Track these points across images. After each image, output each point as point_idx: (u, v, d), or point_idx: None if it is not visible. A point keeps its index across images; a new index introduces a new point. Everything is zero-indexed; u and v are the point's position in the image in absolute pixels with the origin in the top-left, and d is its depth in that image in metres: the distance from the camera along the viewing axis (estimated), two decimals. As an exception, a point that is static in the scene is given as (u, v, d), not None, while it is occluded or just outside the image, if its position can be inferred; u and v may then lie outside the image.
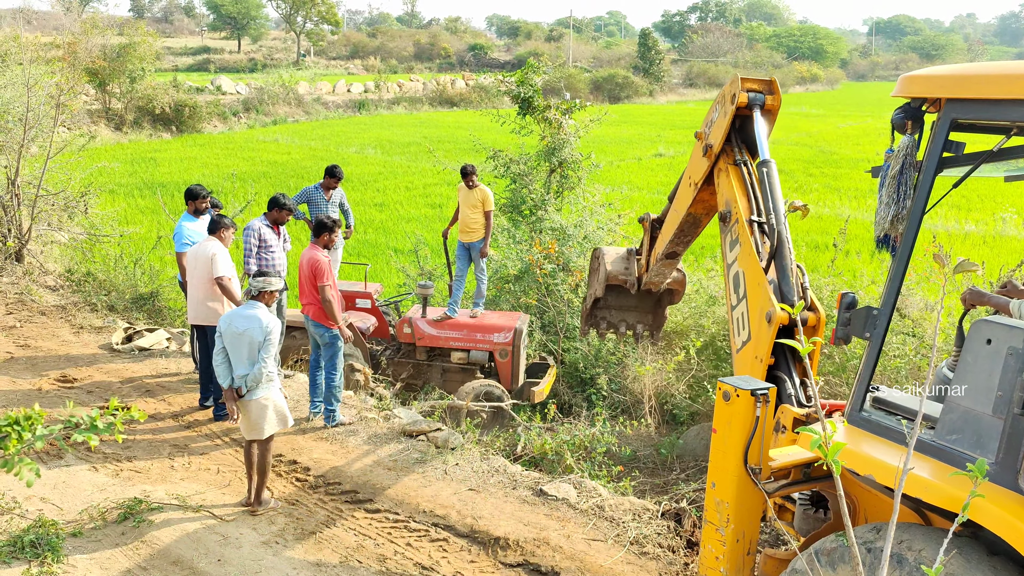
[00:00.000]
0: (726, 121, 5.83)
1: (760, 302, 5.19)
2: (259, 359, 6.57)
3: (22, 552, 5.90)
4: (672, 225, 6.83)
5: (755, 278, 5.30)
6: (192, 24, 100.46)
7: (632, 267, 7.71)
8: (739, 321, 5.41)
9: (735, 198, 5.67)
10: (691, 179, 6.37)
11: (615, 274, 7.71)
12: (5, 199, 13.19)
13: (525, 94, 12.88)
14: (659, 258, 7.25)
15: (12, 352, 10.08)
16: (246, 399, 6.61)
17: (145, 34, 37.96)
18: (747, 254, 5.44)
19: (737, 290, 5.48)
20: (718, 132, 5.93)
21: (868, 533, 4.06)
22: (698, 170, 6.23)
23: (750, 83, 5.78)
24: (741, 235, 5.53)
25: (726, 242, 5.73)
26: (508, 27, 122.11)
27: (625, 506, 7.12)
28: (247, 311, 6.69)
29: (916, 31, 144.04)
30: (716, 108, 6.01)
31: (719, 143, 5.91)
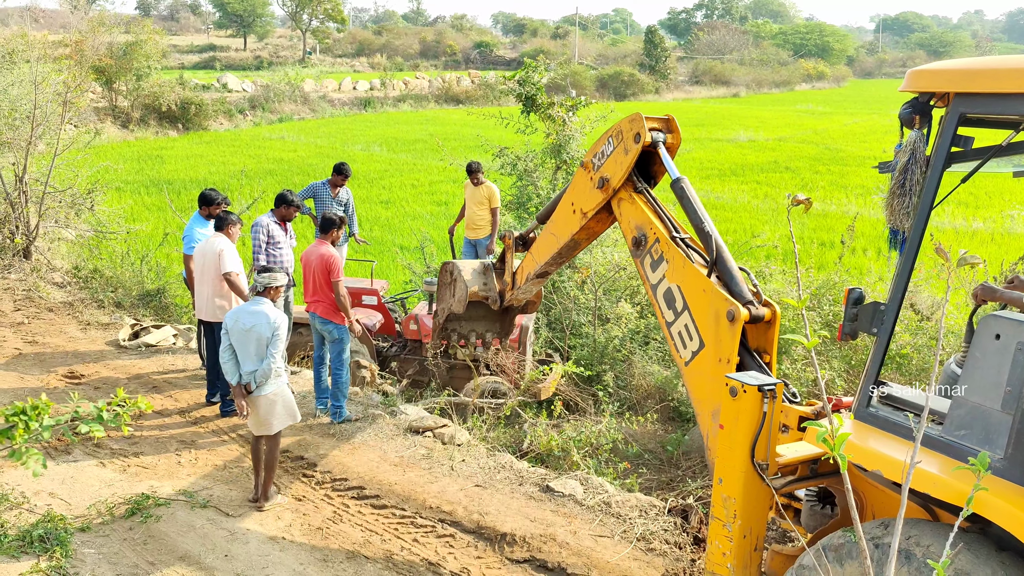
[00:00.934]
0: (629, 159, 5.84)
1: (712, 306, 5.17)
2: (267, 355, 6.59)
3: (31, 546, 5.93)
4: (549, 248, 6.89)
5: (697, 286, 5.31)
6: (198, 22, 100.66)
7: (491, 283, 7.83)
8: (682, 335, 5.38)
9: (649, 222, 5.71)
10: (579, 209, 6.39)
11: (476, 291, 7.82)
12: (13, 196, 13.23)
13: (528, 92, 12.86)
14: (530, 277, 7.30)
15: (20, 348, 10.11)
16: (255, 395, 6.63)
17: (151, 32, 38.06)
18: (679, 267, 5.46)
19: (672, 306, 5.47)
20: (618, 169, 5.94)
21: (876, 529, 4.06)
22: (589, 201, 6.26)
23: (652, 122, 5.83)
24: (667, 252, 5.56)
25: (645, 264, 5.74)
26: (514, 25, 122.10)
27: (632, 502, 7.12)
28: (253, 307, 6.70)
29: (923, 28, 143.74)
30: (610, 142, 6.02)
31: (620, 179, 5.94)
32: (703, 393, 5.20)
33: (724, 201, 22.73)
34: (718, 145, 35.61)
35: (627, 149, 5.85)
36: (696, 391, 5.27)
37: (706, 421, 5.15)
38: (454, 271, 8.02)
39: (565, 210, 6.59)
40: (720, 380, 5.02)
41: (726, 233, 17.50)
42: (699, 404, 5.23)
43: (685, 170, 6.89)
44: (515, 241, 7.55)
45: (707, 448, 5.15)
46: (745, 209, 21.64)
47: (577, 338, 11.12)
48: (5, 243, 13.44)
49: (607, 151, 6.03)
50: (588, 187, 6.25)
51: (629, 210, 5.92)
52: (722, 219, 19.76)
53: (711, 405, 5.10)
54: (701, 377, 5.25)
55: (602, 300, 11.00)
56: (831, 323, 9.67)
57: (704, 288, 5.24)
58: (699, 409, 5.23)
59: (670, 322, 5.47)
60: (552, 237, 6.81)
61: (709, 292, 5.21)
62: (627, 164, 5.85)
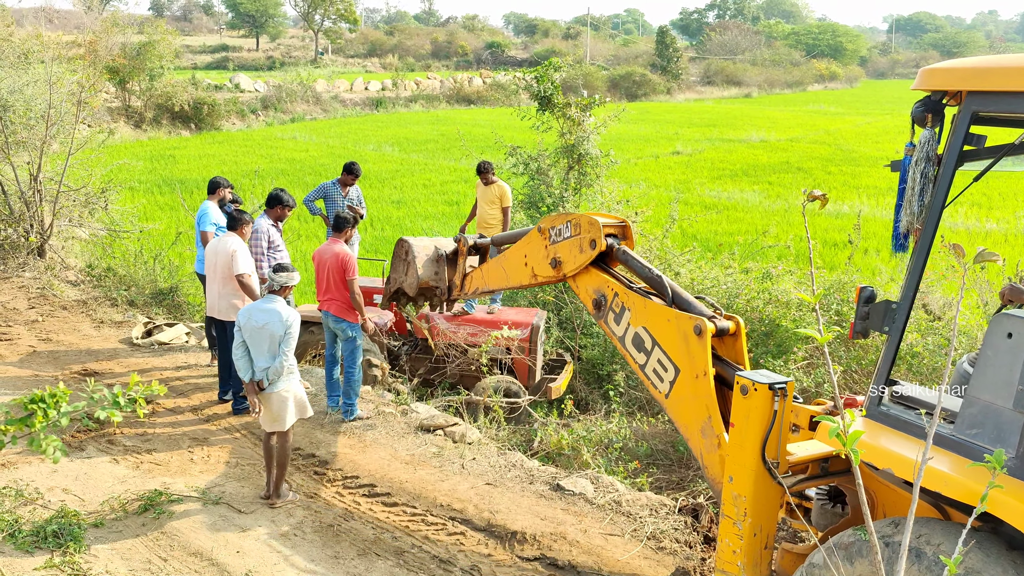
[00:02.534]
0: (584, 258, 6.16)
1: (679, 329, 5.34)
2: (280, 352, 6.62)
3: (45, 542, 5.97)
4: (498, 280, 7.23)
5: (661, 317, 5.51)
6: (211, 22, 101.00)
7: (443, 273, 8.01)
8: (656, 371, 5.55)
9: (605, 282, 6.00)
10: (532, 268, 6.71)
11: (427, 279, 7.99)
12: (28, 195, 13.32)
13: (545, 91, 12.89)
14: (477, 291, 7.63)
15: (35, 346, 10.18)
16: (267, 391, 6.66)
17: (164, 32, 38.24)
18: (641, 309, 5.68)
19: (642, 347, 5.66)
20: (572, 261, 6.28)
21: (886, 527, 4.06)
22: (541, 269, 6.59)
23: (609, 228, 6.14)
24: (627, 301, 5.79)
25: (609, 321, 5.98)
26: (525, 25, 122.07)
27: (642, 501, 7.12)
28: (266, 305, 6.73)
29: (937, 28, 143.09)
30: (568, 226, 6.31)
31: (572, 270, 6.29)
32: (688, 416, 5.29)
33: (735, 201, 22.69)
34: (730, 146, 35.54)
35: (583, 248, 6.19)
36: (681, 417, 5.37)
37: (697, 440, 5.22)
38: (409, 252, 8.08)
39: (518, 259, 6.90)
40: (701, 396, 5.13)
41: (736, 233, 17.48)
42: (686, 428, 5.31)
43: (697, 170, 6.94)
44: (468, 248, 7.83)
45: (703, 467, 5.20)
46: (757, 209, 21.60)
47: (588, 338, 11.13)
48: (20, 241, 13.53)
49: (564, 233, 6.35)
50: (542, 255, 6.57)
51: (585, 280, 6.25)
52: (733, 219, 19.73)
53: (698, 423, 5.17)
54: (682, 402, 5.35)
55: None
56: (841, 323, 9.65)
57: (668, 317, 5.44)
58: (688, 433, 5.31)
59: (643, 364, 5.67)
60: (503, 272, 7.16)
61: (673, 318, 5.40)
62: (582, 262, 6.21)
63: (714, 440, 5.06)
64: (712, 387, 5.12)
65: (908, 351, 8.95)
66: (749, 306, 10.15)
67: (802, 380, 8.82)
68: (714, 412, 5.06)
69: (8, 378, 9.12)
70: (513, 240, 7.08)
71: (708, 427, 5.09)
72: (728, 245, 14.94)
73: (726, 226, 18.36)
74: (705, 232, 17.51)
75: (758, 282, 10.66)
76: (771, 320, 9.88)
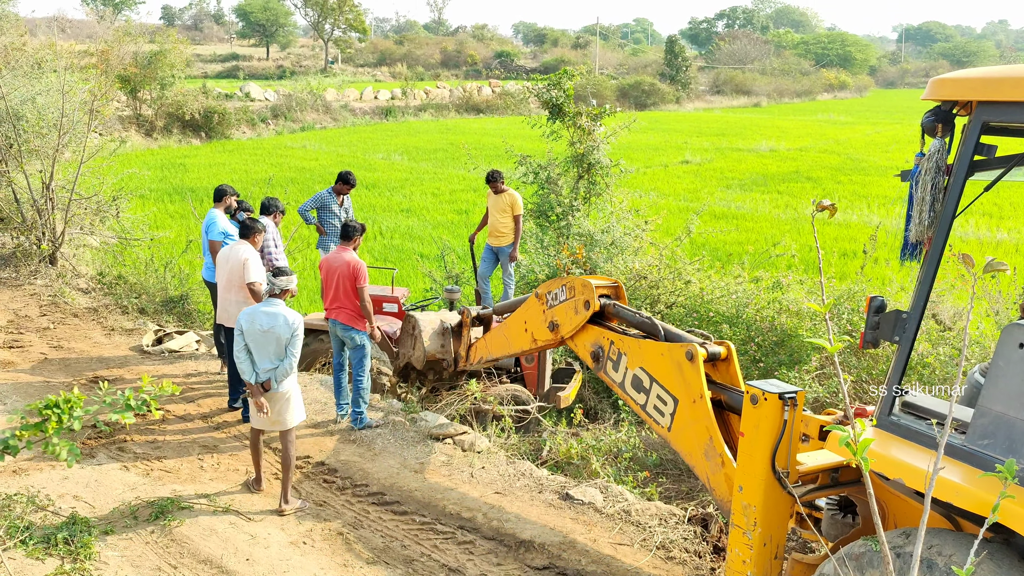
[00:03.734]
0: (579, 319, 6.54)
1: (673, 359, 5.57)
2: (287, 354, 6.73)
3: (55, 548, 5.99)
4: (501, 348, 7.68)
5: (655, 353, 5.77)
6: (221, 31, 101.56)
7: (449, 346, 8.57)
8: (657, 406, 5.74)
9: (601, 334, 6.35)
10: (531, 333, 7.13)
11: (433, 353, 8.55)
12: (40, 203, 13.40)
13: (557, 99, 12.92)
14: (482, 360, 8.11)
15: (46, 353, 10.23)
16: (271, 392, 6.78)
17: (176, 41, 38.41)
18: (636, 351, 5.96)
19: (641, 387, 5.89)
20: (568, 323, 6.66)
21: (897, 538, 4.04)
22: (540, 333, 7.01)
23: (602, 289, 6.52)
24: (622, 347, 6.10)
25: (608, 370, 6.27)
26: (535, 34, 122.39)
27: (651, 511, 7.11)
28: (269, 308, 6.77)
29: (947, 38, 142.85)
30: (563, 290, 6.71)
31: (569, 332, 6.66)
32: (690, 443, 5.40)
33: (745, 211, 22.67)
34: (739, 155, 35.52)
35: (577, 310, 6.56)
36: (684, 446, 5.51)
37: (702, 464, 5.32)
38: (416, 327, 8.67)
39: (518, 326, 7.30)
40: (700, 419, 5.27)
41: (746, 243, 17.46)
42: (690, 456, 5.43)
43: (707, 179, 6.97)
44: (472, 320, 8.33)
45: (711, 489, 5.26)
46: (766, 219, 21.57)
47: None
48: (32, 249, 13.61)
49: (560, 297, 6.75)
50: (540, 320, 6.96)
51: (582, 338, 6.60)
52: (743, 229, 19.72)
53: (701, 446, 5.27)
54: (684, 431, 5.49)
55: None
56: (853, 333, 9.62)
57: (662, 352, 5.69)
58: (693, 460, 5.43)
59: (644, 403, 5.87)
60: (505, 339, 7.55)
61: (666, 351, 5.64)
62: (577, 323, 6.57)
63: (717, 460, 5.10)
64: (710, 409, 5.25)
65: (919, 361, 8.92)
66: (759, 315, 10.13)
67: (816, 390, 8.81)
68: (715, 433, 5.15)
69: (20, 384, 9.16)
70: (514, 308, 7.48)
71: (711, 448, 5.15)
72: (738, 255, 14.92)
73: (735, 235, 18.34)
74: (715, 242, 17.50)
75: (768, 291, 10.65)
76: (782, 330, 9.86)
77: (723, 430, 5.28)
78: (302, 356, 10.19)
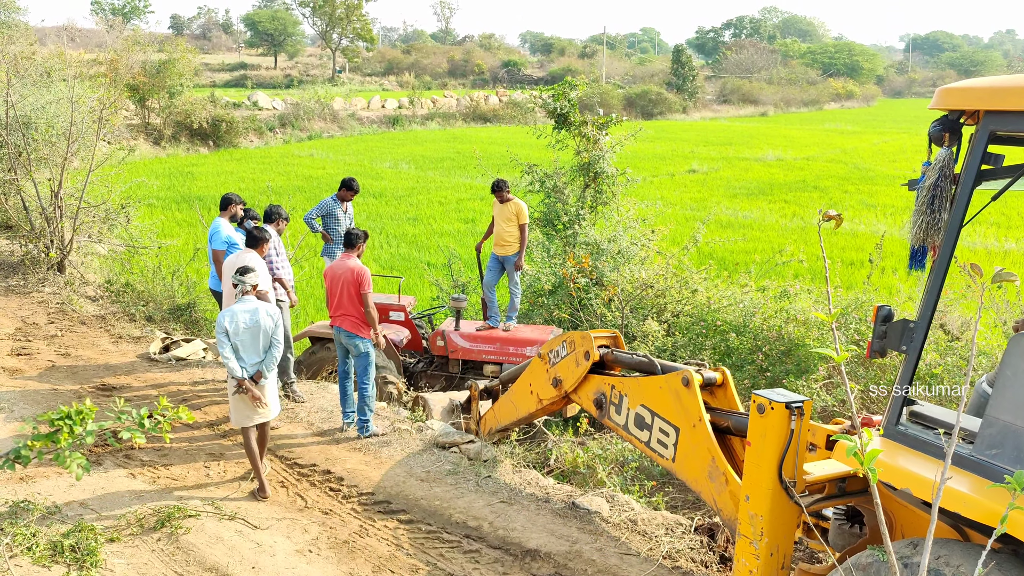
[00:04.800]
0: (580, 371, 6.72)
1: (671, 389, 5.68)
2: (273, 343, 7.15)
3: (62, 555, 6.00)
4: (510, 415, 7.82)
5: (652, 387, 5.89)
6: (230, 41, 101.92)
7: (459, 423, 8.77)
8: (660, 439, 5.86)
9: (602, 382, 6.53)
10: (536, 394, 7.28)
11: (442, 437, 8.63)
12: (49, 211, 13.46)
13: (562, 109, 12.94)
14: (492, 431, 8.24)
15: (54, 360, 10.26)
16: (261, 383, 7.13)
17: (184, 51, 38.63)
18: (635, 389, 6.09)
19: (644, 424, 6.02)
20: (570, 376, 6.84)
21: (905, 548, 4.02)
22: (545, 392, 7.16)
23: (600, 340, 6.73)
24: (623, 389, 6.24)
25: (612, 415, 6.39)
26: (542, 44, 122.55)
27: (658, 520, 7.09)
28: (246, 306, 7.10)
29: (954, 47, 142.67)
30: (564, 347, 6.95)
31: (571, 384, 6.84)
32: (694, 468, 5.49)
33: (751, 220, 22.65)
34: (746, 164, 35.52)
35: (578, 362, 6.73)
36: (689, 473, 5.61)
37: (707, 487, 5.40)
38: (426, 407, 8.91)
39: (524, 389, 7.46)
40: (701, 442, 5.35)
41: (753, 252, 17.44)
42: (696, 482, 5.52)
43: (713, 189, 6.99)
44: (480, 392, 8.48)
45: (718, 511, 5.31)
46: (773, 228, 21.56)
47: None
48: (40, 257, 13.67)
49: (561, 353, 6.95)
50: (544, 379, 7.12)
51: (584, 389, 6.76)
52: (750, 238, 19.70)
53: (704, 468, 5.35)
54: (687, 457, 5.58)
55: (629, 318, 11.00)
56: (859, 343, 9.60)
57: (659, 385, 5.81)
58: (698, 486, 5.53)
59: (648, 440, 5.99)
60: (512, 405, 7.69)
61: (664, 383, 5.76)
62: (579, 375, 6.74)
63: (721, 479, 5.13)
64: (710, 431, 5.35)
65: (927, 371, 8.90)
66: (766, 324, 10.12)
67: (824, 399, 8.79)
68: (716, 453, 5.23)
69: (28, 392, 9.19)
70: (519, 374, 7.65)
71: (714, 468, 5.18)
72: (745, 264, 14.92)
73: (742, 245, 18.32)
74: (721, 251, 17.49)
75: (775, 301, 10.64)
76: (790, 339, 9.85)
77: (725, 453, 5.37)
78: (308, 364, 10.22)
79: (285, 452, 8.15)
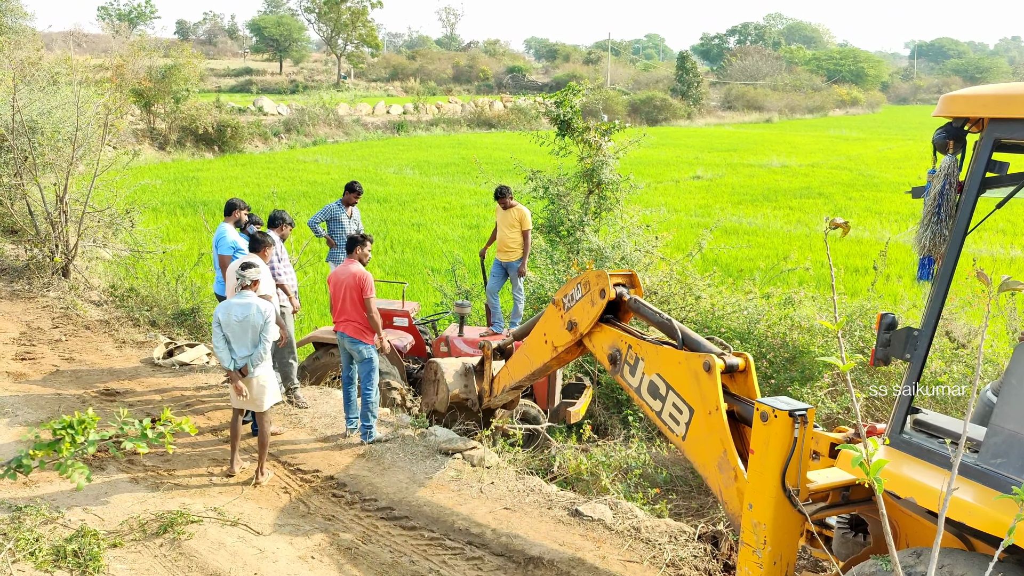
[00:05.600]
0: (596, 310, 6.49)
1: (690, 369, 5.52)
2: (261, 340, 7.37)
3: (64, 561, 6.00)
4: (523, 369, 7.58)
5: (672, 361, 5.72)
6: (235, 46, 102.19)
7: (472, 385, 8.51)
8: (672, 415, 5.70)
9: (619, 337, 6.31)
10: (551, 342, 7.04)
11: (457, 393, 8.48)
12: (54, 216, 13.49)
13: (565, 115, 12.94)
14: (506, 389, 7.99)
15: (58, 365, 10.27)
16: (248, 377, 7.41)
17: (190, 56, 38.72)
18: (654, 357, 5.90)
19: (657, 394, 5.84)
20: (586, 317, 6.60)
21: (909, 557, 4.01)
22: (559, 338, 6.93)
23: (616, 278, 6.51)
24: (640, 352, 6.04)
25: (625, 375, 6.21)
26: (546, 50, 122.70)
27: (661, 528, 7.07)
28: (242, 300, 7.38)
29: (959, 54, 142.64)
30: (578, 289, 6.69)
31: (587, 325, 6.60)
32: (704, 454, 5.37)
33: (756, 227, 22.64)
34: (750, 170, 35.51)
35: (593, 301, 6.51)
36: (698, 456, 5.47)
37: (715, 476, 5.27)
38: (438, 371, 8.61)
39: (538, 339, 7.23)
40: (715, 431, 5.21)
41: (758, 259, 17.43)
42: (704, 467, 5.39)
43: (718, 195, 6.97)
44: (493, 352, 8.28)
45: (723, 503, 5.22)
46: (777, 235, 21.54)
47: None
48: (45, 261, 13.69)
49: (575, 296, 6.72)
50: (559, 324, 6.89)
51: (600, 338, 6.55)
52: (755, 244, 19.69)
53: (715, 459, 5.23)
54: (698, 441, 5.45)
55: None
56: (863, 350, 9.58)
57: (679, 360, 5.63)
58: (706, 472, 5.39)
59: (659, 411, 5.82)
60: (526, 359, 7.50)
61: (684, 359, 5.59)
62: (594, 315, 6.51)
63: (731, 474, 5.06)
64: (725, 422, 5.20)
65: (932, 379, 8.87)
66: (770, 331, 10.10)
67: (829, 407, 8.77)
68: (729, 446, 5.10)
69: (32, 396, 9.20)
70: (532, 327, 7.47)
71: (724, 461, 5.10)
72: (749, 270, 14.89)
73: (747, 251, 18.31)
74: (726, 257, 17.47)
75: (779, 307, 10.62)
76: (794, 346, 9.83)
77: (738, 443, 5.24)
78: (312, 370, 10.22)
79: (288, 458, 8.14)
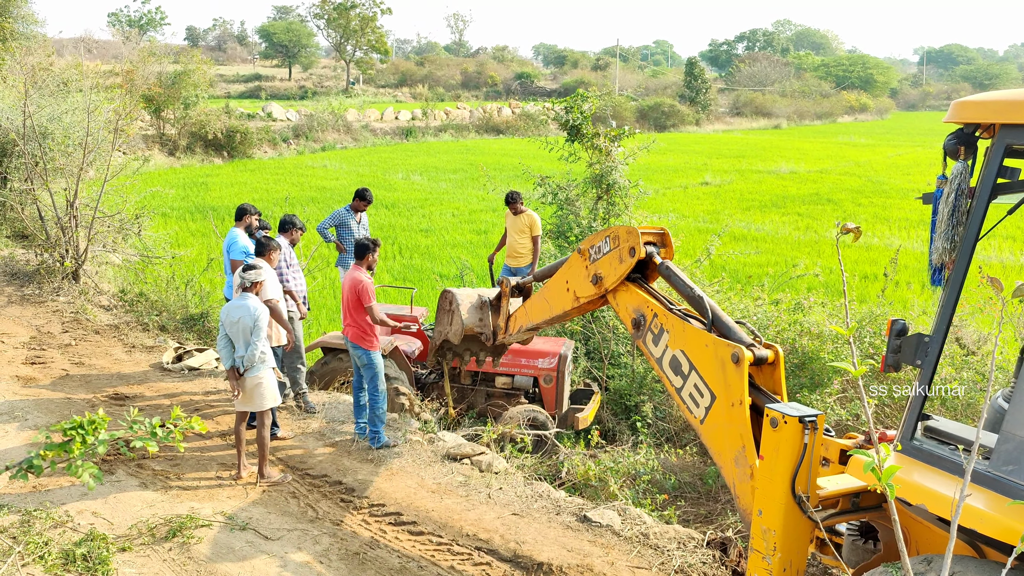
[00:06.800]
0: (624, 268, 6.16)
1: (717, 355, 5.31)
2: (251, 342, 7.46)
3: (74, 564, 6.01)
4: (542, 313, 7.29)
5: (699, 342, 5.48)
6: (244, 52, 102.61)
7: (487, 319, 8.17)
8: (692, 395, 5.52)
9: (645, 302, 6.01)
10: (573, 291, 6.75)
11: (471, 326, 8.17)
12: (64, 221, 13.55)
13: (574, 121, 12.95)
14: (522, 329, 7.72)
15: (68, 369, 10.31)
16: (244, 376, 7.52)
17: (199, 62, 38.91)
18: (679, 332, 5.66)
19: (679, 371, 5.64)
20: (612, 273, 6.28)
21: (919, 565, 3.99)
22: (583, 289, 6.63)
23: (648, 236, 6.16)
24: (666, 323, 5.78)
25: (647, 342, 5.98)
26: (555, 56, 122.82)
27: (670, 534, 7.06)
28: (240, 302, 7.50)
29: (969, 60, 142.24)
30: (607, 242, 6.35)
31: (613, 282, 6.28)
32: (722, 443, 5.23)
33: (765, 233, 22.59)
34: (759, 176, 35.46)
35: (622, 259, 6.21)
36: (715, 444, 5.32)
37: (730, 469, 5.15)
38: (453, 301, 8.30)
39: (559, 286, 6.93)
40: (736, 424, 5.06)
41: (767, 265, 17.39)
42: (720, 456, 5.25)
43: (726, 201, 6.94)
44: (512, 289, 7.96)
45: (735, 496, 5.14)
46: (786, 241, 21.49)
47: (615, 368, 11.08)
48: (55, 266, 13.75)
49: (603, 249, 6.40)
50: (583, 275, 6.60)
51: (625, 298, 6.26)
52: (763, 251, 19.65)
53: (732, 451, 5.11)
54: (717, 429, 5.30)
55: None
56: (875, 356, 9.55)
57: (706, 343, 5.40)
58: (721, 461, 5.25)
59: (679, 387, 5.65)
60: (545, 303, 7.21)
61: (712, 344, 5.36)
62: (622, 272, 6.21)
63: (747, 470, 5.00)
64: (747, 416, 5.06)
65: (943, 385, 8.84)
66: (780, 337, 10.08)
67: (839, 413, 8.74)
68: (748, 442, 4.99)
69: (42, 400, 9.23)
70: (554, 271, 7.12)
71: (742, 456, 5.02)
72: (758, 276, 14.86)
73: (755, 258, 18.26)
74: (734, 264, 17.44)
75: (789, 314, 10.60)
76: (804, 352, 9.80)
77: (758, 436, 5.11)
78: (320, 375, 10.22)
79: (296, 463, 8.15)
